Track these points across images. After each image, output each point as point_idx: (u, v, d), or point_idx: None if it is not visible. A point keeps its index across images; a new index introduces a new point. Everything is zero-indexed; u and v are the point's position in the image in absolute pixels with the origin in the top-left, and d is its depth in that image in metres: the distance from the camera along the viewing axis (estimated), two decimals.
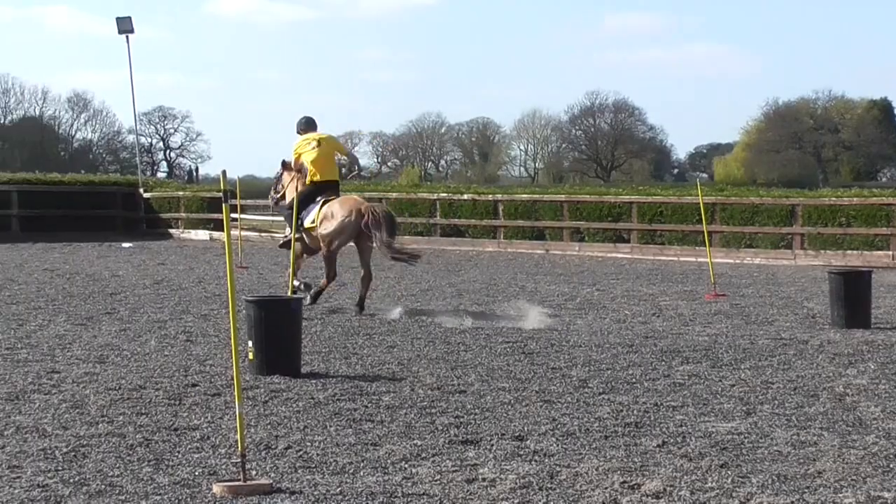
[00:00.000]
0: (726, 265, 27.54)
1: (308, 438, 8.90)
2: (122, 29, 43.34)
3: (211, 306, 17.89)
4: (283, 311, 11.90)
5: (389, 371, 12.04)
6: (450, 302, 18.83)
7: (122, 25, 43.34)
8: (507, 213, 34.25)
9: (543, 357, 13.05)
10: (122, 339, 14.25)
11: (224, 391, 10.77)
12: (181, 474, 7.80)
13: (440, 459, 8.25)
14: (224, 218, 8.16)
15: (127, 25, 43.31)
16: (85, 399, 10.36)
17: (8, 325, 15.32)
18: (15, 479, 7.64)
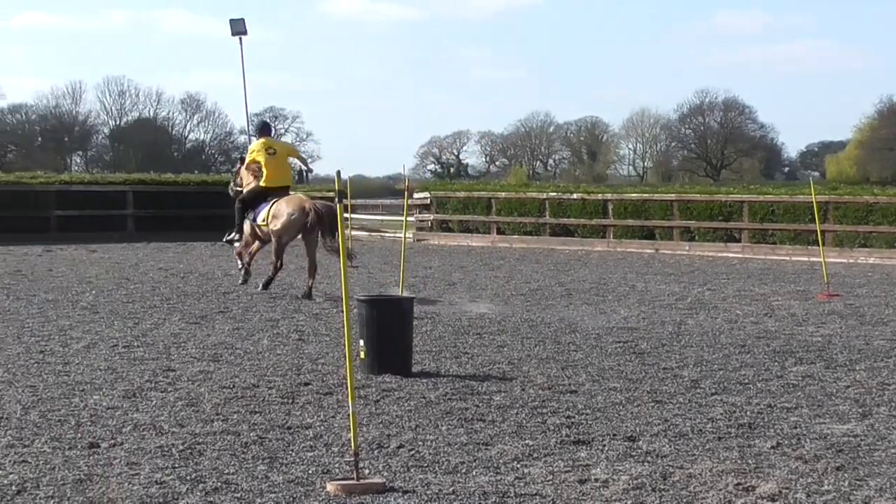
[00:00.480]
0: (839, 265, 27.14)
1: (420, 438, 8.93)
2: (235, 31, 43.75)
3: (322, 305, 18.03)
4: (394, 310, 11.96)
5: (500, 370, 12.05)
6: (558, 301, 18.79)
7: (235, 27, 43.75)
8: (617, 213, 34.08)
9: (654, 357, 12.97)
10: (236, 337, 14.41)
11: (336, 390, 10.85)
12: (295, 472, 7.87)
13: (552, 459, 8.24)
14: (339, 218, 8.22)
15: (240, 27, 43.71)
16: (200, 397, 10.50)
17: (125, 324, 15.57)
18: (133, 475, 7.77)
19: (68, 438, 8.84)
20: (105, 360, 12.51)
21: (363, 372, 11.57)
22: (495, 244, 34.96)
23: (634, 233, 33.68)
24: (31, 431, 9.07)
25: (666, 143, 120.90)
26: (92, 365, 12.22)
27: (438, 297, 19.23)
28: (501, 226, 36.15)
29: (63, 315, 16.51)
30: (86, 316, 16.46)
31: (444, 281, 22.60)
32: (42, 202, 37.96)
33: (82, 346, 13.52)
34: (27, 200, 37.60)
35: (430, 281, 22.56)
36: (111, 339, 14.18)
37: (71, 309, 17.32)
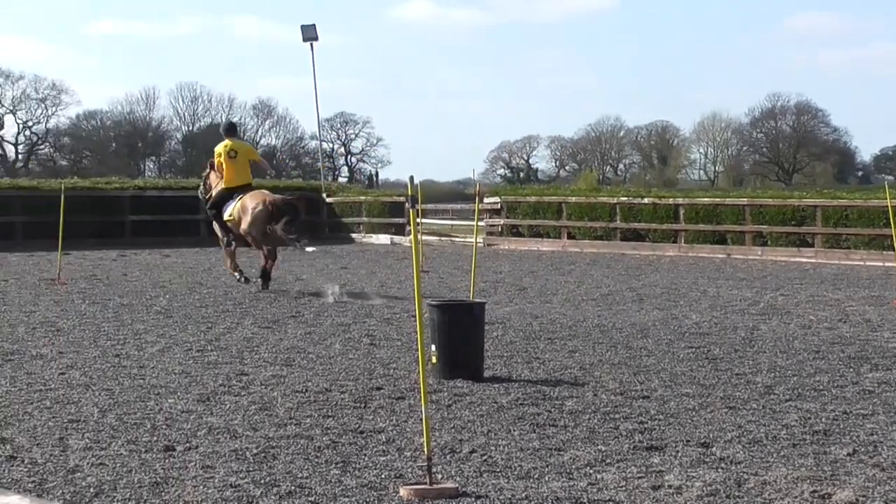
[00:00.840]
0: None
1: (492, 443, 8.94)
2: (306, 36, 44.11)
3: (393, 310, 18.08)
4: (466, 315, 11.98)
5: (571, 376, 12.03)
6: (630, 306, 18.72)
7: (306, 33, 44.10)
8: (689, 217, 33.89)
9: (727, 363, 12.89)
10: (308, 341, 14.49)
11: (408, 394, 10.88)
12: (368, 477, 7.90)
13: (625, 465, 8.22)
14: (411, 223, 8.25)
15: (311, 33, 44.05)
16: (273, 401, 10.57)
17: (198, 328, 15.70)
18: (208, 478, 7.84)
19: (144, 441, 8.93)
20: (179, 364, 12.63)
21: (435, 376, 11.59)
22: (566, 249, 34.90)
23: (706, 237, 33.48)
24: (108, 434, 9.18)
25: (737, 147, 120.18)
26: (166, 369, 12.34)
27: (510, 302, 19.23)
28: (572, 230, 36.07)
29: (138, 319, 16.69)
30: (160, 320, 16.62)
31: (514, 286, 22.59)
32: (116, 207, 38.37)
33: (157, 350, 13.66)
34: (102, 206, 38.01)
35: (500, 286, 22.55)
36: (185, 343, 14.31)
37: (145, 313, 17.50)
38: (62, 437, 9.06)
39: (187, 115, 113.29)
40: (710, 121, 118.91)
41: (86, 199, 37.22)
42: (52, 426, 9.47)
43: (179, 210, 39.09)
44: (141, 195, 39.24)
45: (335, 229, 41.70)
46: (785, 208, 32.36)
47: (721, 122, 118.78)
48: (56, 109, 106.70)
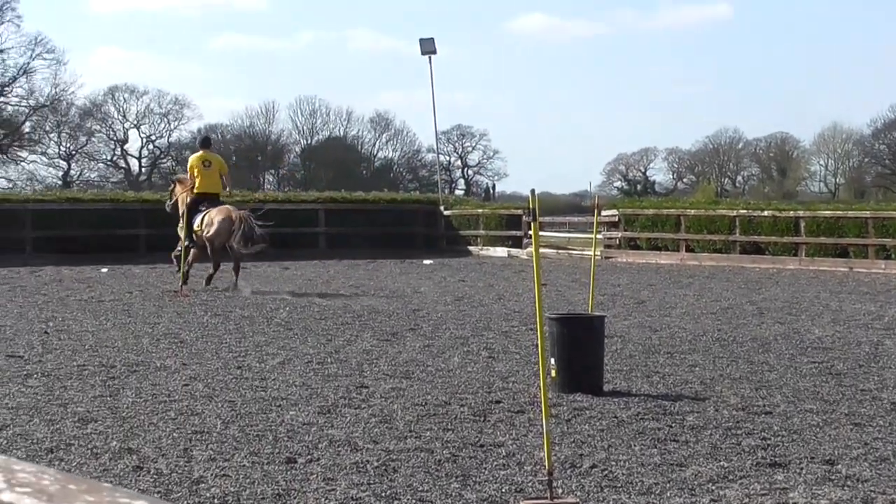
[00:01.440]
0: None
1: (612, 457, 8.90)
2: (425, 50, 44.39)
3: (511, 323, 18.08)
4: (586, 329, 11.94)
5: (692, 390, 11.93)
6: (750, 320, 18.52)
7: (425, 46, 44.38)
8: (809, 230, 33.44)
9: (852, 378, 12.69)
10: (426, 354, 14.54)
11: (527, 408, 10.86)
12: (488, 491, 7.90)
13: (748, 482, 8.12)
14: (533, 235, 8.24)
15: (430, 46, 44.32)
16: (393, 414, 10.62)
17: (318, 341, 15.83)
18: (330, 491, 7.89)
19: (266, 453, 9.02)
20: (300, 377, 12.75)
21: (554, 390, 11.55)
22: (684, 262, 34.63)
23: (827, 251, 33.01)
24: (231, 446, 9.29)
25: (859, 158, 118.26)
26: (287, 381, 12.45)
27: (628, 315, 19.13)
28: (690, 243, 35.79)
29: (258, 331, 16.87)
30: (280, 332, 16.79)
31: (632, 299, 22.47)
32: None
33: (278, 363, 13.80)
34: None
35: (618, 299, 22.45)
36: (305, 355, 14.44)
37: (266, 325, 17.69)
38: (186, 448, 9.19)
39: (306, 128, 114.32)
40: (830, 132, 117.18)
41: None
42: (176, 437, 9.61)
43: (299, 223, 39.50)
44: (261, 208, 39.60)
45: (452, 242, 41.81)
46: None
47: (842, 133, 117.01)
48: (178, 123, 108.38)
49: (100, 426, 10.04)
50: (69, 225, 36.32)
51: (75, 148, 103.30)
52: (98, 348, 15.02)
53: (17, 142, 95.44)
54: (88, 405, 11.02)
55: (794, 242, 33.68)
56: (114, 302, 21.55)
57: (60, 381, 12.44)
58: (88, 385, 12.15)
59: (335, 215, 40.84)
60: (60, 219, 36.51)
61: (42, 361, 13.87)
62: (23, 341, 15.70)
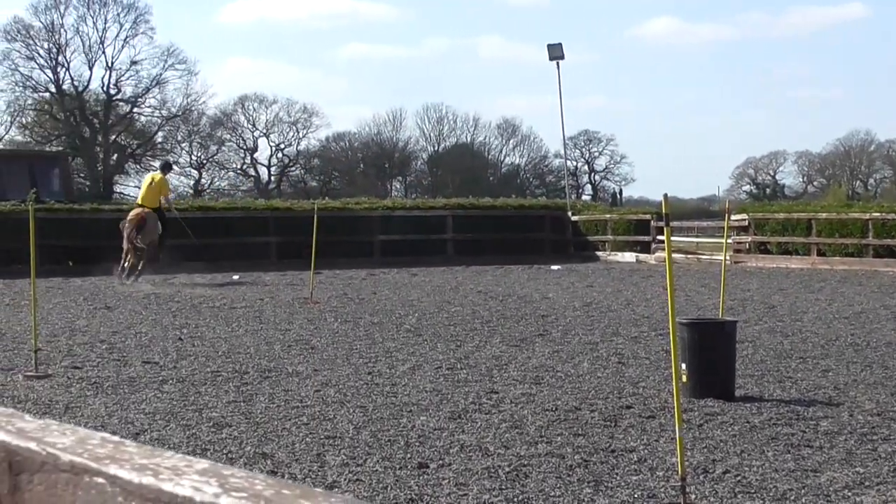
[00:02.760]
0: None
1: (745, 463, 8.82)
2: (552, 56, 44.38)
3: (641, 328, 17.99)
4: (717, 334, 11.85)
5: (825, 396, 11.77)
6: (885, 325, 18.21)
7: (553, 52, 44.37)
8: None
9: None
10: (556, 360, 14.53)
11: (658, 413, 10.81)
12: (620, 496, 7.88)
13: (885, 488, 8.00)
14: (666, 239, 8.21)
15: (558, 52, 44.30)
16: (523, 419, 10.63)
17: (447, 346, 15.91)
18: (462, 496, 7.93)
19: (398, 458, 9.09)
20: (430, 382, 12.82)
21: (685, 395, 11.46)
22: (815, 266, 34.14)
23: None
24: (364, 451, 9.38)
25: None
26: (418, 386, 12.53)
27: (759, 320, 18.93)
28: (822, 247, 35.28)
29: (388, 337, 17.00)
30: (410, 338, 16.89)
31: (763, 304, 22.23)
32: (366, 227, 39.17)
33: (408, 368, 13.89)
34: (352, 226, 38.86)
35: (749, 304, 22.22)
36: (435, 360, 14.52)
37: (395, 331, 17.81)
38: (320, 454, 9.29)
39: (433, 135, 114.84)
40: None
41: (336, 220, 38.10)
42: (309, 442, 9.73)
43: (426, 230, 39.73)
44: (390, 215, 39.98)
45: (580, 247, 41.70)
46: None
47: None
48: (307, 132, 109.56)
49: (234, 431, 10.21)
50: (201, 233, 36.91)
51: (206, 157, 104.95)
52: (231, 354, 15.25)
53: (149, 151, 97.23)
54: (223, 410, 11.20)
55: None
56: (245, 309, 21.86)
57: (195, 386, 12.66)
58: (222, 391, 12.35)
59: (463, 221, 40.95)
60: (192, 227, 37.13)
61: (177, 367, 14.13)
62: (158, 348, 16.00)
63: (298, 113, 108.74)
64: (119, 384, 12.85)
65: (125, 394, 12.23)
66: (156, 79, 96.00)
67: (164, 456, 1.98)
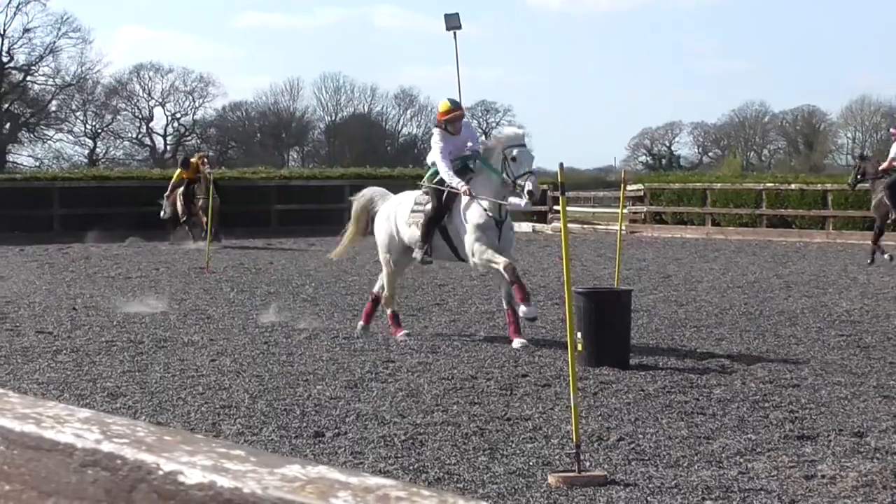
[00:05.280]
0: None
1: (640, 431, 8.89)
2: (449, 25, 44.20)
3: (537, 298, 18.02)
4: (612, 303, 11.93)
5: (719, 364, 11.90)
6: (777, 294, 18.47)
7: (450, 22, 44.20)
8: (837, 203, 33.32)
9: (880, 351, 12.66)
10: (453, 329, 14.55)
11: (554, 382, 10.87)
12: (516, 464, 7.91)
13: (776, 454, 8.11)
14: (561, 209, 8.23)
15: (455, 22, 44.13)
16: (420, 388, 10.63)
17: (344, 316, 15.86)
18: (358, 464, 7.91)
19: (294, 427, 9.05)
20: (327, 352, 12.77)
21: (581, 364, 11.50)
22: (710, 236, 34.54)
23: (856, 224, 32.88)
24: (259, 420, 9.32)
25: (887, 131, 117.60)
26: (314, 356, 12.48)
27: (654, 290, 19.11)
28: (717, 217, 35.70)
29: (285, 307, 16.90)
30: (307, 308, 16.82)
31: (658, 273, 22.43)
32: (263, 197, 38.89)
33: (304, 338, 13.82)
34: (249, 195, 38.56)
35: (644, 273, 22.42)
36: (332, 330, 14.46)
37: (292, 301, 17.73)
38: (215, 423, 9.22)
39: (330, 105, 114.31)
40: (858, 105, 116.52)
41: (233, 190, 37.74)
42: (205, 412, 9.65)
43: (324, 199, 39.49)
44: (287, 185, 39.73)
45: None
46: None
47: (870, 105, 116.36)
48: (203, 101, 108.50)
49: (129, 401, 10.10)
50: (96, 203, 36.42)
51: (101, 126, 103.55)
52: (126, 324, 15.07)
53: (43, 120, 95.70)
54: (117, 380, 11.08)
55: (822, 216, 33.58)
56: (141, 279, 21.62)
57: (89, 356, 12.50)
58: (117, 361, 12.20)
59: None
60: (87, 197, 36.64)
61: (71, 337, 13.94)
62: (52, 317, 15.77)
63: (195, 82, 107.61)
64: (12, 354, 12.66)
65: (18, 364, 12.04)
66: (49, 47, 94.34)
67: (47, 406, 1.98)
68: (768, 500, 7.01)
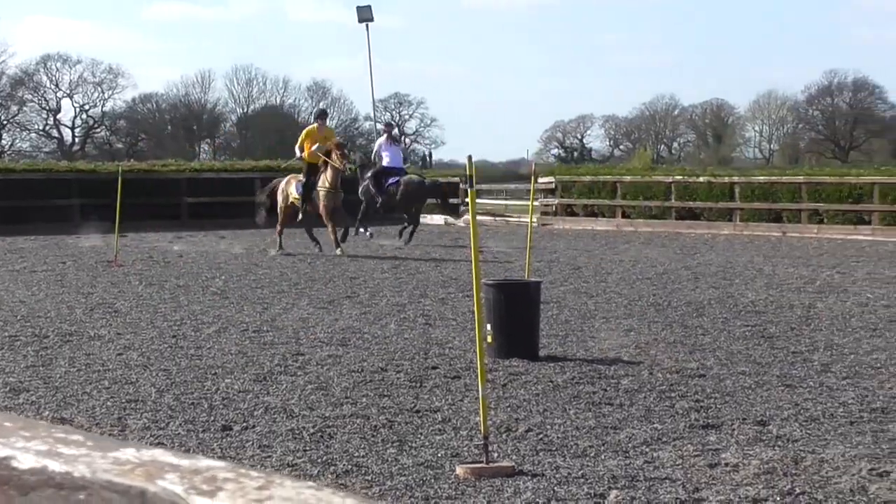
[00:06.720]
0: None
1: (548, 421, 8.94)
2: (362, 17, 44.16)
3: (448, 290, 18.10)
4: (521, 294, 11.97)
5: (627, 354, 12.01)
6: (685, 285, 18.65)
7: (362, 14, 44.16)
8: (744, 196, 33.71)
9: (783, 341, 12.83)
10: (363, 322, 14.54)
11: (463, 374, 10.90)
12: (424, 456, 7.92)
13: (681, 444, 8.20)
14: (470, 202, 8.25)
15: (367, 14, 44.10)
16: (329, 381, 10.61)
17: (254, 309, 15.79)
18: (266, 458, 7.89)
19: (202, 421, 9.00)
20: (236, 345, 12.71)
21: (490, 356, 11.56)
22: (620, 228, 34.81)
23: (762, 216, 33.30)
24: (166, 414, 9.25)
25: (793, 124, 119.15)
26: (223, 349, 12.41)
27: (565, 281, 19.22)
28: (627, 209, 35.97)
29: (194, 300, 16.79)
30: (216, 301, 16.72)
31: (569, 265, 22.57)
32: (173, 190, 38.54)
33: (213, 331, 13.74)
34: (159, 188, 38.21)
35: (555, 265, 22.54)
36: (241, 323, 14.39)
37: (202, 294, 17.61)
38: (121, 418, 9.14)
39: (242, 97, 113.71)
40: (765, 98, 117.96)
41: (143, 182, 37.43)
42: (110, 406, 9.56)
43: (235, 192, 39.24)
44: (197, 177, 39.43)
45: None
46: (842, 186, 32.13)
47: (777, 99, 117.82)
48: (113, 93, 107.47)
49: (32, 396, 9.98)
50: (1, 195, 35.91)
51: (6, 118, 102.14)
52: (30, 318, 14.89)
53: None
54: (20, 375, 10.94)
55: (729, 208, 33.95)
56: (47, 272, 21.37)
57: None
58: (20, 355, 12.05)
59: None
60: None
61: None
62: None
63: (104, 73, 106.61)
64: None
65: None
66: None
67: None
68: (672, 488, 7.09)
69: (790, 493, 6.98)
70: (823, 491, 7.02)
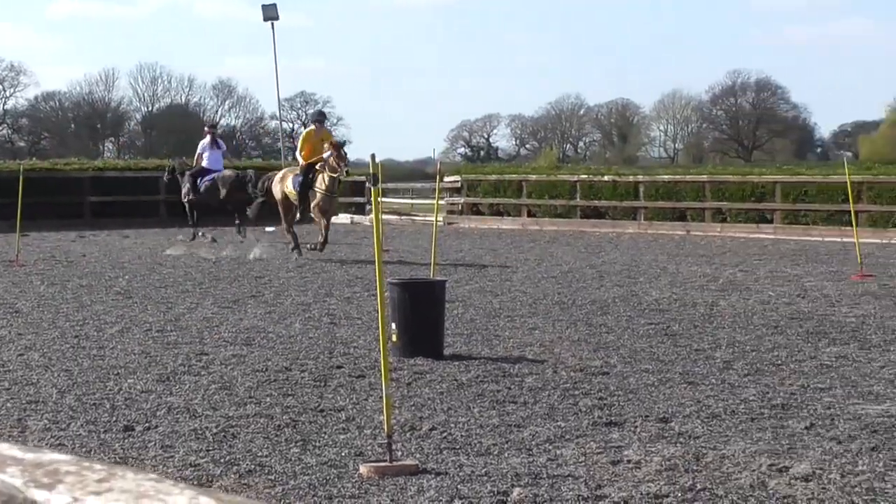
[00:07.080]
0: (873, 245, 26.96)
1: (452, 420, 8.96)
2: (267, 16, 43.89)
3: (354, 289, 18.07)
4: (426, 294, 11.99)
5: (532, 353, 12.06)
6: (590, 284, 18.78)
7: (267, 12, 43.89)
8: (648, 195, 34.00)
9: (686, 339, 12.96)
10: (268, 321, 14.47)
11: (368, 373, 10.89)
12: (328, 455, 7.91)
13: (584, 441, 8.26)
14: (373, 201, 8.24)
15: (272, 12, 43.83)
16: (233, 380, 10.56)
17: (158, 309, 15.65)
18: (168, 458, 7.83)
19: (104, 422, 8.91)
20: (139, 345, 12.59)
21: (395, 355, 11.57)
22: (526, 227, 34.95)
23: (666, 215, 33.61)
24: (67, 415, 9.15)
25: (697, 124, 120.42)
26: (126, 349, 12.29)
27: (470, 280, 19.26)
28: (532, 208, 36.12)
29: (97, 300, 16.61)
30: (119, 301, 16.55)
31: (475, 264, 22.62)
32: (76, 188, 38.06)
33: (116, 331, 13.61)
34: (61, 187, 37.70)
35: (460, 264, 22.57)
36: (145, 323, 14.27)
37: (105, 294, 17.42)
38: (21, 419, 9.03)
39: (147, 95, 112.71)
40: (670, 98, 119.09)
41: (45, 181, 36.92)
42: (10, 407, 9.43)
43: (139, 191, 38.87)
44: (100, 176, 38.98)
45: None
46: (745, 185, 32.52)
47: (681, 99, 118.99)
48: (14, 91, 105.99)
49: None
50: None
51: None
52: None
53: None
54: None
55: (634, 207, 34.23)
56: None
57: None
58: None
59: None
60: None
61: None
62: None
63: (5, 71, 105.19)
64: None
65: None
66: None
67: None
68: (575, 485, 7.13)
69: (691, 489, 7.05)
70: (724, 486, 7.11)
